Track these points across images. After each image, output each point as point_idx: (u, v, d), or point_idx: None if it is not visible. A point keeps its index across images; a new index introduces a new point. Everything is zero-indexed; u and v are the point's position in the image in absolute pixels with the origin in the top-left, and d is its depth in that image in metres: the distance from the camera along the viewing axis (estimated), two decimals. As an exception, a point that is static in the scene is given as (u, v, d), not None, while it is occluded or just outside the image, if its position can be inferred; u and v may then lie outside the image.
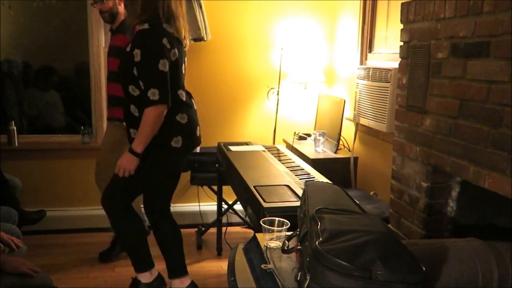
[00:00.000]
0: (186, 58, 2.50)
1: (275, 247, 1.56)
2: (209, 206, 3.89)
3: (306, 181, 2.28)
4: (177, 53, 2.31)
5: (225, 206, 3.61)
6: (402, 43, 2.19)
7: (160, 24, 2.27)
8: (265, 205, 1.96)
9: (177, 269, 2.67)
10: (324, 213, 1.40)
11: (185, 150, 2.42)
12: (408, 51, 2.12)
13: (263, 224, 1.59)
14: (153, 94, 2.20)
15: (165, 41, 2.25)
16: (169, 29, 2.30)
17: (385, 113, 2.75)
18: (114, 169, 2.45)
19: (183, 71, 2.44)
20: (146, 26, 2.24)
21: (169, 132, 2.34)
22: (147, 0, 2.27)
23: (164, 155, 2.39)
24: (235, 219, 3.91)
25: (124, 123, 2.84)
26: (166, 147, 2.35)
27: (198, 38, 3.54)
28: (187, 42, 2.43)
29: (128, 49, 2.30)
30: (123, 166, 2.31)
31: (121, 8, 3.06)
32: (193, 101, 2.52)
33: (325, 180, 2.39)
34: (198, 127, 2.49)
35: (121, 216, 2.51)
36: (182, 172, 2.78)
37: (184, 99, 2.40)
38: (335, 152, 3.33)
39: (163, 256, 2.68)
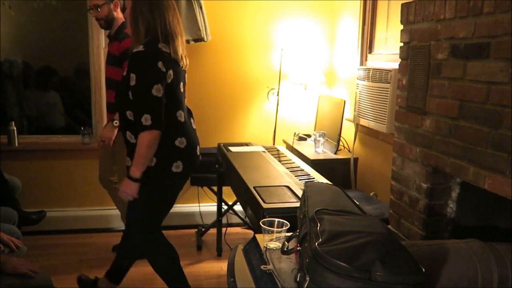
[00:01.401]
0: (186, 75, 2.45)
1: (274, 248, 1.56)
2: (209, 206, 3.89)
3: (306, 182, 2.28)
4: (172, 75, 2.26)
5: (225, 207, 3.61)
6: (402, 44, 2.19)
7: (156, 45, 2.23)
8: (265, 206, 1.96)
9: (119, 274, 2.69)
10: (324, 214, 1.40)
11: (186, 174, 2.40)
12: (408, 52, 2.12)
13: (262, 225, 1.59)
14: (146, 119, 2.17)
15: (160, 64, 2.20)
16: (165, 49, 2.25)
17: (385, 114, 2.75)
18: (113, 170, 2.47)
19: (182, 90, 2.40)
20: (141, 48, 2.20)
21: (169, 157, 2.31)
22: (149, 20, 2.24)
23: (166, 181, 2.38)
24: (235, 219, 3.91)
25: None
26: (167, 173, 2.33)
27: (198, 39, 3.54)
28: (185, 62, 2.38)
29: (124, 73, 2.28)
30: (125, 191, 2.30)
31: (117, 14, 3.06)
32: (192, 120, 2.49)
33: (325, 181, 2.39)
34: (198, 147, 2.45)
35: (150, 247, 2.52)
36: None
37: (183, 120, 2.35)
38: (335, 153, 3.33)
39: (115, 258, 2.70)
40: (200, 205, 3.87)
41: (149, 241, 2.52)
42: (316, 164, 3.00)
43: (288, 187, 2.24)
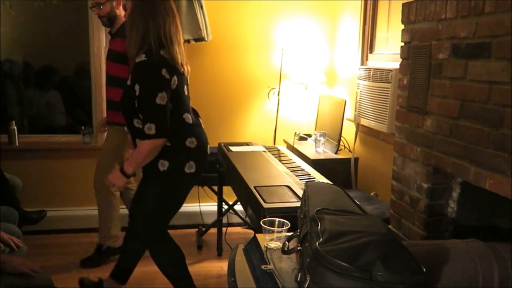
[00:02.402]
0: (188, 79, 2.45)
1: (275, 248, 1.55)
2: (210, 206, 3.88)
3: (306, 181, 2.27)
4: (176, 80, 2.26)
5: (225, 207, 3.61)
6: (403, 44, 2.19)
7: (157, 52, 2.21)
8: (265, 205, 1.96)
9: (124, 274, 2.68)
10: (325, 214, 1.40)
11: (198, 173, 2.41)
12: (409, 52, 2.12)
13: (263, 225, 1.59)
14: (149, 128, 2.18)
15: (164, 72, 2.20)
16: (167, 55, 2.24)
17: (386, 114, 2.75)
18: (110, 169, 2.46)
19: (186, 93, 2.40)
20: (143, 58, 2.19)
21: (182, 159, 2.32)
22: (145, 27, 2.22)
23: (180, 183, 2.40)
24: (236, 219, 3.91)
25: (123, 128, 2.86)
26: (181, 175, 2.34)
27: (199, 38, 3.54)
28: (186, 69, 2.36)
29: (128, 82, 2.27)
30: (112, 182, 2.33)
31: (120, 11, 3.05)
32: (200, 120, 2.50)
33: (325, 180, 2.39)
34: (208, 146, 2.47)
35: (157, 247, 2.53)
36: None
37: (190, 121, 2.36)
38: (336, 153, 3.33)
39: (119, 257, 2.70)
40: (201, 204, 3.87)
41: (157, 241, 2.53)
42: (317, 164, 2.99)
43: (288, 186, 2.24)
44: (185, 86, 2.39)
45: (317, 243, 1.18)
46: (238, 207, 3.73)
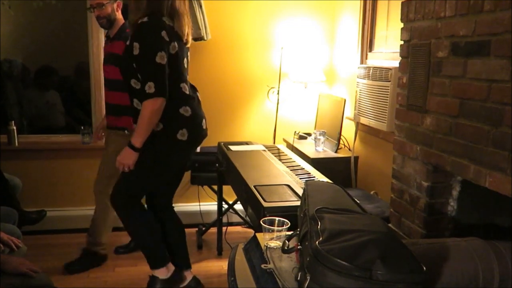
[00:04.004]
0: (189, 53, 2.50)
1: (275, 247, 1.55)
2: (210, 205, 3.88)
3: (306, 180, 2.27)
4: (176, 46, 2.31)
5: (225, 206, 3.61)
6: (402, 42, 2.19)
7: (159, 17, 2.27)
8: (265, 204, 1.96)
9: (185, 261, 2.69)
10: (324, 212, 1.40)
11: (191, 143, 2.42)
12: (408, 50, 2.12)
13: (263, 224, 1.58)
14: (149, 87, 2.21)
15: (163, 33, 2.25)
16: (169, 22, 2.31)
17: (386, 112, 2.75)
18: (114, 179, 2.46)
19: (186, 65, 2.45)
20: (145, 19, 2.25)
21: (174, 125, 2.35)
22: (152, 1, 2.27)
23: (171, 149, 2.39)
24: (236, 218, 3.91)
25: (125, 131, 2.87)
26: (172, 140, 2.35)
27: (198, 38, 3.53)
28: (189, 39, 2.43)
29: (127, 43, 2.31)
30: (123, 161, 2.33)
31: (119, 14, 3.05)
32: (198, 94, 2.52)
33: (325, 179, 2.39)
34: (204, 120, 2.50)
35: (130, 213, 2.51)
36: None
37: (187, 92, 2.41)
38: (336, 152, 3.33)
39: (167, 251, 2.65)
40: (201, 204, 3.86)
41: (132, 204, 2.49)
42: (317, 163, 2.99)
43: (288, 185, 2.24)
44: (185, 59, 2.44)
45: (317, 242, 1.18)
46: (238, 207, 3.73)
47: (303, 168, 2.63)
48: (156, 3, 2.28)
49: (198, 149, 2.92)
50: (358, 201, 1.72)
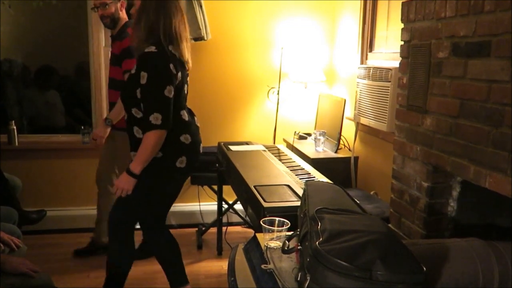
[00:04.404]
0: (188, 78, 2.48)
1: (275, 247, 1.55)
2: (210, 205, 3.89)
3: (306, 180, 2.27)
4: (179, 76, 2.29)
5: (225, 206, 3.61)
6: (402, 43, 2.19)
7: (166, 47, 2.25)
8: (265, 204, 1.96)
9: (178, 279, 2.63)
10: (325, 213, 1.40)
11: (188, 170, 2.42)
12: (408, 51, 2.12)
13: (263, 224, 1.58)
14: (156, 118, 2.19)
15: (171, 66, 2.23)
16: (175, 52, 2.29)
17: (386, 113, 2.75)
18: (114, 173, 2.45)
19: (186, 91, 2.44)
20: (153, 49, 2.22)
21: (174, 153, 2.34)
22: (153, 22, 2.25)
23: (169, 176, 2.39)
24: (236, 218, 3.91)
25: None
26: (171, 168, 2.35)
27: (198, 38, 3.53)
28: (190, 65, 2.42)
29: (133, 71, 2.28)
30: (121, 186, 2.30)
31: (123, 14, 3.05)
32: (195, 118, 2.51)
33: (325, 179, 2.39)
34: (200, 145, 2.49)
35: (120, 236, 2.48)
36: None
37: (186, 119, 2.39)
38: (336, 152, 3.33)
39: (163, 268, 2.61)
40: (201, 204, 3.87)
41: (123, 230, 2.48)
42: (317, 163, 2.99)
43: (288, 186, 2.24)
44: (185, 84, 2.42)
45: (317, 243, 1.18)
46: (238, 207, 3.73)
47: (303, 168, 2.63)
48: (157, 26, 2.24)
49: None
50: (358, 202, 1.72)
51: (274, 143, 3.80)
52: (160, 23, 2.25)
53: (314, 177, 2.45)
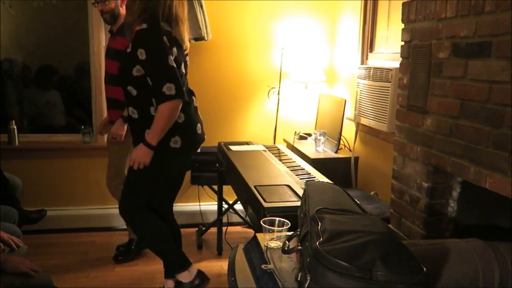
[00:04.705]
0: (188, 59, 2.50)
1: (275, 247, 1.55)
2: (210, 205, 3.89)
3: (306, 181, 2.27)
4: (175, 52, 2.31)
5: (225, 206, 3.61)
6: (403, 43, 2.19)
7: (158, 23, 2.27)
8: (265, 205, 1.96)
9: (176, 266, 2.65)
10: (325, 213, 1.40)
11: (186, 150, 2.41)
12: (409, 51, 2.12)
13: (263, 224, 1.58)
14: (169, 88, 2.20)
15: (165, 39, 2.26)
16: (167, 28, 2.31)
17: (386, 113, 2.75)
18: (123, 172, 2.45)
19: (183, 71, 2.44)
20: (144, 26, 2.24)
21: (167, 133, 2.33)
22: (147, 0, 2.27)
23: (166, 157, 2.39)
24: (236, 218, 3.91)
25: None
26: (165, 148, 2.35)
27: (199, 38, 3.53)
28: (188, 45, 2.43)
29: (128, 50, 2.29)
30: (138, 158, 2.31)
31: (123, 9, 3.05)
32: (194, 98, 2.51)
33: (325, 180, 2.39)
34: (198, 125, 2.48)
35: (138, 220, 2.52)
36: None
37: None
38: (336, 152, 3.33)
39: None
40: (201, 204, 3.87)
41: (138, 214, 2.50)
42: (317, 163, 2.99)
43: (288, 186, 2.24)
44: (183, 64, 2.43)
45: (317, 243, 1.18)
46: (238, 207, 3.73)
47: (303, 169, 2.63)
48: (152, 5, 2.27)
49: (198, 149, 2.92)
50: (358, 202, 1.72)
51: (274, 143, 3.80)
52: (160, 1, 2.27)
53: (314, 177, 2.45)
